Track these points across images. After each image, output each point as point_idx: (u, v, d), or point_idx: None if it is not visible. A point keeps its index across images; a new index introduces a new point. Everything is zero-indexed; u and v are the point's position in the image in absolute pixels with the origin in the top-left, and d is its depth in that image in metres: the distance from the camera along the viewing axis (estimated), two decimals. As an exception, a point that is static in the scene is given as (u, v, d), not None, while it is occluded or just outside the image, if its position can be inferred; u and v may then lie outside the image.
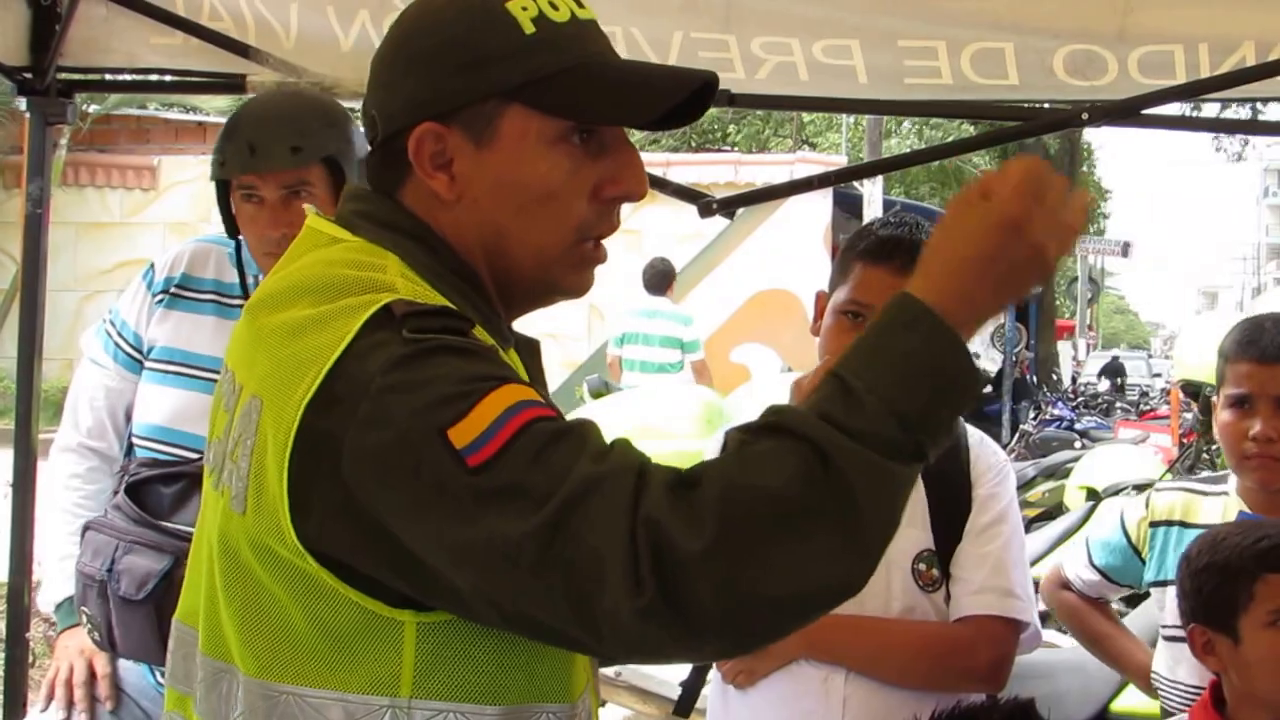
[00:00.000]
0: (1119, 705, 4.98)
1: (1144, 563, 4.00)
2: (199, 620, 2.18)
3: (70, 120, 4.44)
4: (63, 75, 4.32)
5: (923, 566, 3.48)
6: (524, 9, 2.12)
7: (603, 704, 5.47)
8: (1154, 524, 3.97)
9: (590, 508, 1.80)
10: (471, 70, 2.11)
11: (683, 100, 2.17)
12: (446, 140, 2.13)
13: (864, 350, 1.91)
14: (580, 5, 2.20)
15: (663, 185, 5.18)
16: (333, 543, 1.95)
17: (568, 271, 2.22)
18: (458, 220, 2.17)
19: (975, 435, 3.65)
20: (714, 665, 3.72)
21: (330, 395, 1.93)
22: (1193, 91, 4.15)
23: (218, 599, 2.11)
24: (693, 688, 4.63)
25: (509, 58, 2.10)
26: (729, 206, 4.82)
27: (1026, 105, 4.46)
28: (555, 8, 2.15)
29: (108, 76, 4.90)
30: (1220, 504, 3.87)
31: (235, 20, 4.18)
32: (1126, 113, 4.18)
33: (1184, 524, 3.92)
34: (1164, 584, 3.89)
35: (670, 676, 5.12)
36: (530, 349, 2.35)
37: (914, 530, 3.47)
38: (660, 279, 15.29)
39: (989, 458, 3.60)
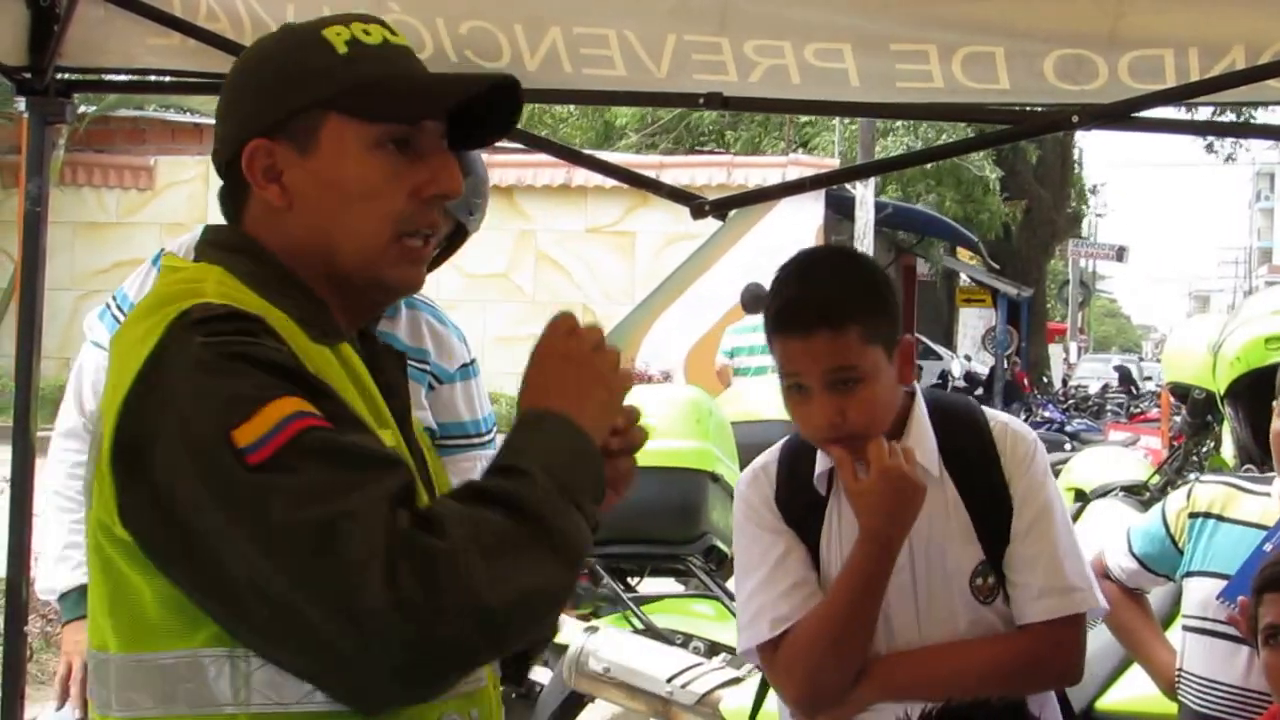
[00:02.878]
0: (1104, 703, 4.98)
1: (1181, 553, 3.99)
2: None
3: (68, 120, 4.45)
4: (61, 75, 4.31)
5: (980, 581, 3.42)
6: (338, 34, 2.34)
7: (591, 700, 5.51)
8: (1193, 515, 3.96)
9: (355, 518, 2.00)
10: (290, 86, 2.32)
11: (482, 96, 2.42)
12: (275, 154, 2.31)
13: (516, 440, 2.28)
14: (393, 34, 2.42)
15: (655, 187, 5.19)
16: (148, 529, 2.12)
17: (392, 266, 2.37)
18: (292, 228, 2.34)
19: (998, 424, 3.54)
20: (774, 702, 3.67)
21: (139, 397, 2.11)
22: (1182, 95, 4.16)
23: (93, 590, 2.27)
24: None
25: (324, 73, 2.31)
26: (721, 208, 4.79)
27: (1018, 108, 4.47)
28: (368, 34, 2.36)
29: (106, 77, 4.89)
30: (1261, 503, 3.87)
31: (232, 21, 4.18)
32: (1116, 115, 4.19)
33: (1222, 518, 3.91)
34: (1197, 574, 3.90)
35: (658, 672, 5.13)
36: (394, 357, 2.54)
37: (965, 546, 3.42)
38: (756, 301, 15.88)
39: (1017, 447, 3.47)
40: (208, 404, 2.06)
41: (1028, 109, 4.47)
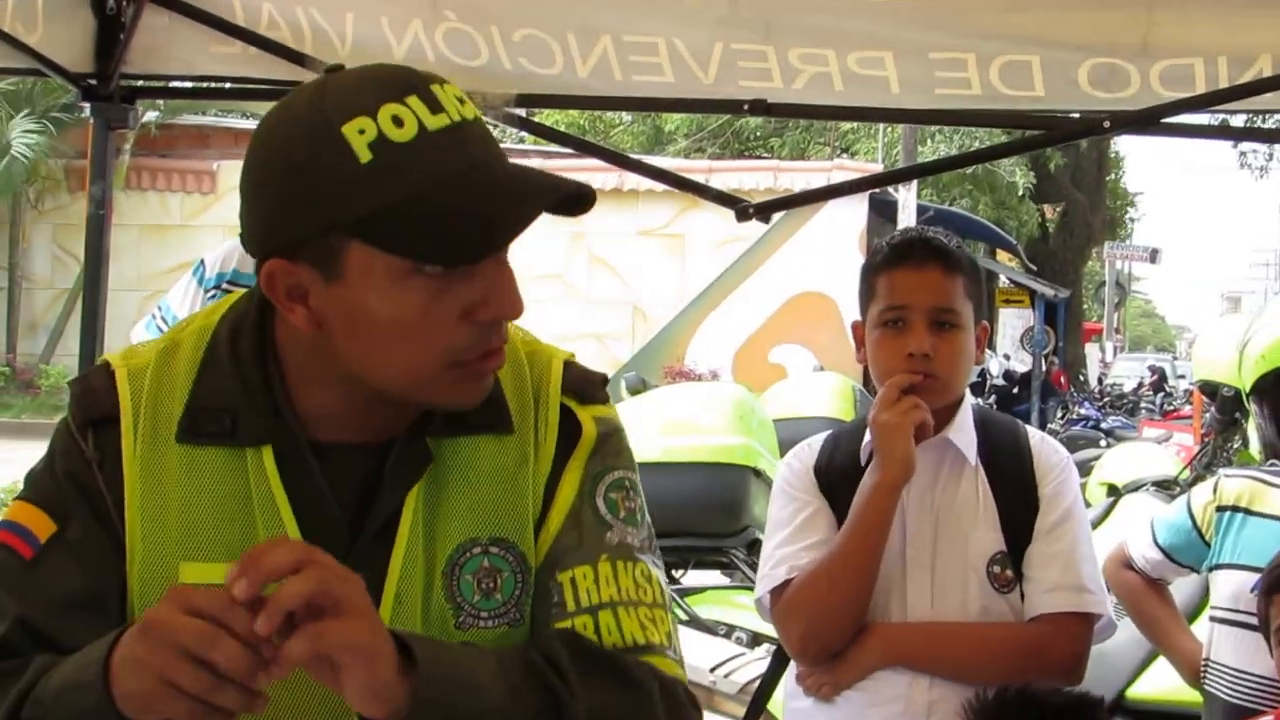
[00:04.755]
0: (1134, 692, 4.98)
1: (1208, 546, 3.99)
2: None
3: (132, 125, 4.51)
4: (125, 82, 4.33)
5: (997, 569, 3.45)
6: (361, 132, 1.87)
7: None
8: (1220, 508, 3.96)
9: None
10: (308, 203, 1.90)
11: (547, 209, 1.95)
12: (298, 275, 1.94)
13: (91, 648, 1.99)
14: (435, 110, 1.92)
15: (702, 191, 5.18)
16: None
17: (444, 392, 2.02)
18: (317, 354, 2.04)
19: (1036, 436, 3.62)
20: (790, 674, 3.66)
21: None
22: (1209, 102, 4.15)
23: None
24: (762, 697, 4.64)
25: (343, 191, 1.87)
26: (765, 211, 4.77)
27: (1052, 114, 4.47)
28: (400, 124, 1.88)
29: (168, 84, 4.88)
30: None
31: (292, 29, 4.18)
32: (1146, 121, 4.18)
33: (1249, 511, 3.91)
34: (1224, 567, 3.90)
35: (702, 663, 5.15)
36: (419, 458, 2.11)
37: (987, 534, 3.45)
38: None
39: (1051, 456, 3.55)
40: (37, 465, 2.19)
41: (1061, 115, 4.46)
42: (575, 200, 1.96)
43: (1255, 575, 3.53)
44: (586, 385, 2.25)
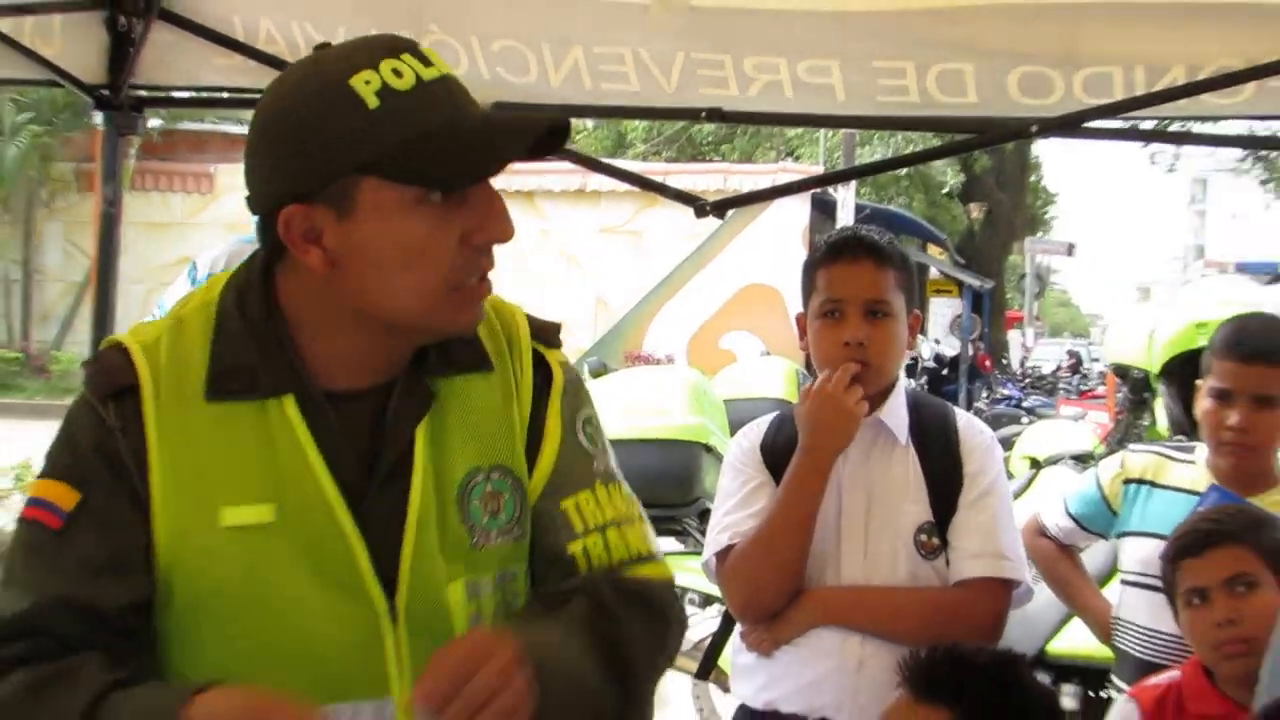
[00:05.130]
0: (1055, 647, 5.00)
1: (1115, 515, 4.02)
2: None
3: (140, 132, 4.48)
4: (134, 92, 4.33)
5: (924, 537, 3.50)
6: (367, 83, 1.99)
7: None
8: (1127, 481, 3.98)
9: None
10: (323, 152, 2.00)
11: (533, 142, 2.08)
12: (312, 217, 2.03)
13: (148, 701, 1.99)
14: (425, 64, 2.05)
15: (662, 190, 5.20)
16: None
17: (447, 316, 2.11)
18: (329, 290, 2.10)
19: (963, 418, 3.69)
20: (735, 633, 3.72)
21: None
22: (1127, 108, 4.15)
23: None
24: (712, 654, 4.68)
25: (356, 135, 1.99)
26: (720, 208, 4.80)
27: (984, 119, 4.46)
28: (399, 75, 2.01)
29: (173, 94, 4.88)
30: (1189, 470, 3.88)
31: (288, 42, 4.16)
32: (1070, 125, 4.20)
33: (1154, 483, 3.93)
34: (1132, 534, 3.93)
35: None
36: (421, 396, 2.21)
37: (915, 505, 3.51)
38: None
39: (975, 437, 3.62)
40: (52, 443, 2.17)
41: (992, 119, 4.46)
42: (555, 134, 2.09)
43: (1161, 542, 3.55)
44: (549, 332, 2.39)
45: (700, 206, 4.78)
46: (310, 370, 2.14)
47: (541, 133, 2.08)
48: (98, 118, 4.50)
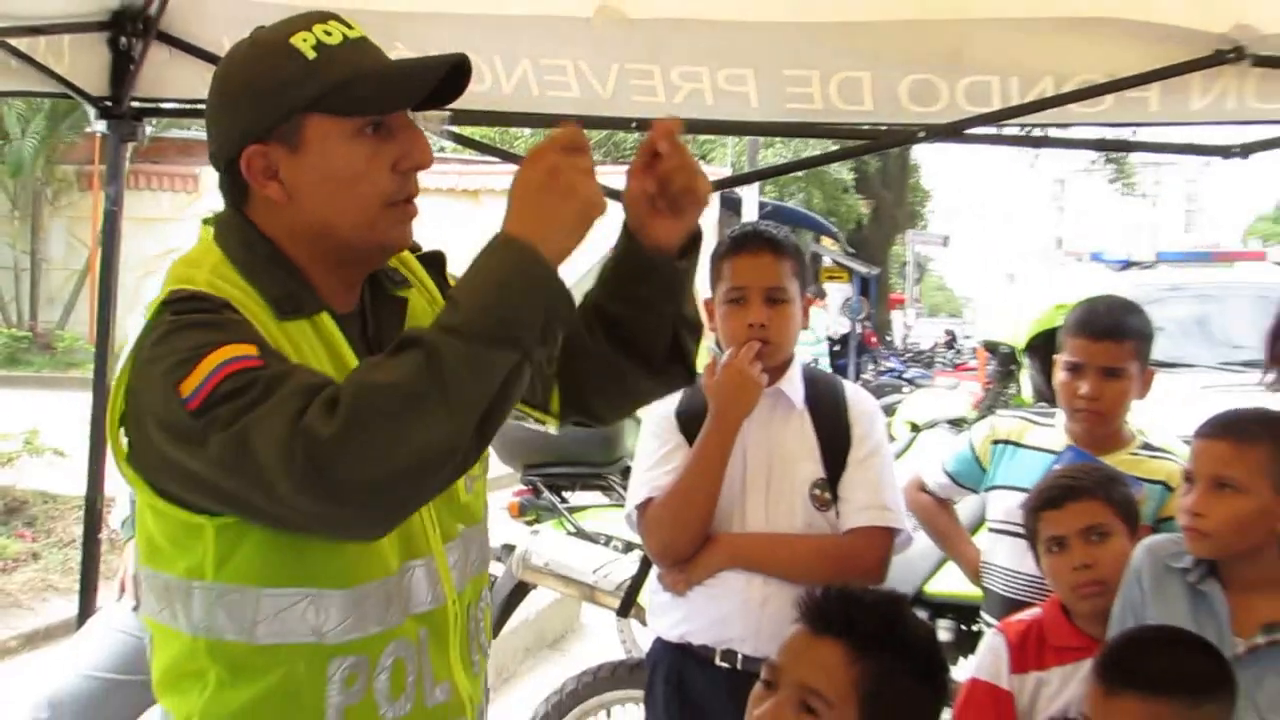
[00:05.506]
0: (931, 588, 5.01)
1: (984, 471, 4.06)
2: None
3: (139, 139, 4.51)
4: (135, 104, 4.32)
5: (818, 492, 3.56)
6: (304, 40, 2.14)
7: (534, 587, 5.50)
8: (995, 442, 4.04)
9: (263, 426, 1.88)
10: (272, 97, 2.14)
11: (442, 81, 2.20)
12: (269, 155, 2.15)
13: (468, 271, 2.04)
14: (350, 28, 2.20)
15: None
16: (145, 468, 2.07)
17: (386, 231, 2.21)
18: (293, 216, 2.18)
19: (851, 388, 3.76)
20: (653, 574, 3.77)
21: (133, 363, 2.06)
22: (1003, 117, 4.20)
23: (136, 519, 2.23)
24: (632, 593, 4.71)
25: (299, 80, 2.12)
26: (619, 199, 4.81)
27: (878, 126, 4.46)
28: (329, 34, 2.16)
29: (170, 105, 4.80)
30: (1048, 433, 3.93)
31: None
32: (953, 132, 4.23)
33: (1018, 444, 3.98)
34: (998, 488, 3.97)
35: (585, 565, 5.16)
36: (394, 301, 2.36)
37: (810, 464, 3.57)
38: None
39: (862, 404, 3.69)
40: (165, 365, 1.97)
41: (884, 127, 4.46)
42: (459, 69, 2.21)
43: (1023, 495, 3.58)
44: (414, 248, 2.46)
45: (618, 199, 4.75)
46: (322, 294, 2.23)
47: (449, 67, 2.19)
48: (99, 126, 4.49)
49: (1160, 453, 3.78)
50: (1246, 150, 4.42)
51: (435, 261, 2.53)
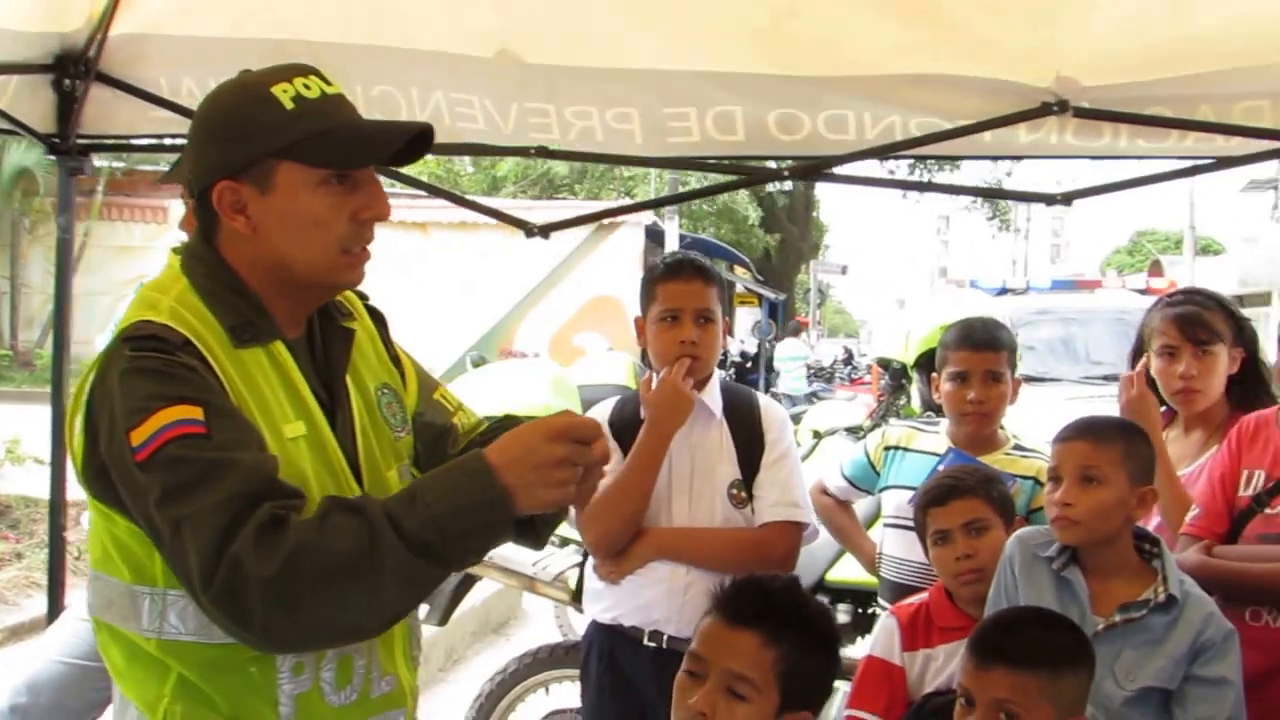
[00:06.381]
0: (832, 576, 5.07)
1: (878, 475, 4.09)
2: None
3: (87, 172, 4.39)
4: (80, 140, 4.24)
5: (735, 491, 3.59)
6: (284, 90, 2.12)
7: (479, 579, 5.49)
8: (887, 448, 4.07)
9: (195, 530, 1.87)
10: (249, 139, 2.11)
11: (407, 143, 2.20)
12: (240, 192, 2.12)
13: (441, 476, 2.00)
14: (328, 84, 2.19)
15: (495, 214, 5.44)
16: (100, 491, 2.04)
17: (339, 274, 2.20)
18: (255, 249, 2.15)
19: (764, 399, 3.78)
20: (588, 565, 3.78)
21: (92, 390, 2.02)
22: (857, 157, 4.29)
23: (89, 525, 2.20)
24: (580, 584, 4.72)
25: (276, 127, 2.10)
26: (545, 231, 4.86)
27: (750, 160, 4.48)
28: (308, 88, 2.14)
29: (112, 141, 4.71)
30: (933, 438, 3.97)
31: (204, 94, 4.08)
32: (813, 171, 4.31)
33: (906, 449, 4.02)
34: (891, 488, 4.00)
35: (525, 558, 5.16)
36: (341, 331, 2.33)
37: (727, 466, 3.60)
38: (796, 328, 16.50)
39: (773, 413, 3.72)
40: (121, 407, 1.95)
41: (757, 163, 4.50)
42: (424, 136, 2.21)
43: (912, 493, 3.65)
44: (360, 294, 2.46)
45: (528, 229, 4.85)
46: (278, 322, 2.20)
47: (414, 134, 2.20)
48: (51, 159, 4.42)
49: (1031, 453, 3.83)
50: (1068, 197, 4.60)
51: (379, 317, 2.50)
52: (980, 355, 3.84)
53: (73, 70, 4.11)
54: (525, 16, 3.99)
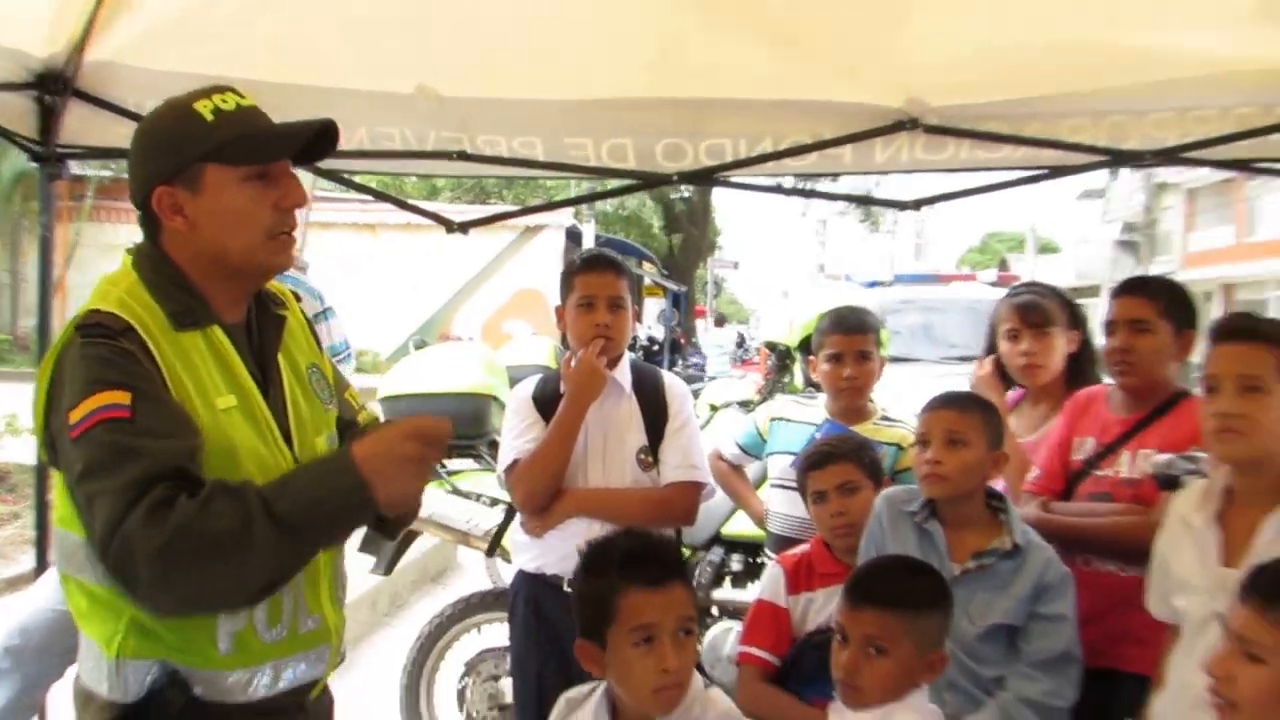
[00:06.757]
0: (727, 530, 5.06)
1: (765, 442, 4.12)
2: None
3: (65, 177, 4.32)
4: (59, 149, 4.16)
5: (642, 456, 3.58)
6: (205, 105, 2.16)
7: (419, 534, 5.43)
8: (772, 419, 4.12)
9: (102, 504, 1.90)
10: (179, 148, 2.15)
11: (314, 140, 2.24)
12: (175, 195, 2.16)
13: (312, 466, 2.07)
14: (242, 98, 2.22)
15: (418, 211, 5.50)
16: (53, 459, 2.04)
17: (270, 256, 2.22)
18: (195, 243, 2.18)
19: (668, 376, 3.77)
20: (515, 521, 3.75)
21: (51, 371, 2.04)
22: (731, 167, 4.30)
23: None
24: (498, 537, 4.70)
25: (200, 136, 2.14)
26: (465, 227, 4.86)
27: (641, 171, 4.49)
28: (225, 102, 2.18)
29: (89, 150, 4.63)
30: (812, 410, 4.01)
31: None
32: (700, 177, 4.33)
33: (789, 420, 4.06)
34: (776, 454, 4.03)
35: (460, 516, 5.13)
36: (274, 317, 2.36)
37: (636, 435, 3.59)
38: (722, 319, 16.75)
39: (675, 388, 3.70)
40: (70, 387, 1.98)
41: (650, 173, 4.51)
42: (328, 134, 2.26)
43: (793, 457, 3.67)
44: (286, 292, 2.48)
45: (449, 225, 4.85)
46: (215, 309, 2.21)
47: (318, 130, 2.23)
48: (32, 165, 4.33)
49: (895, 422, 3.88)
50: (919, 204, 4.81)
51: (307, 318, 2.55)
52: (851, 338, 3.87)
53: (53, 87, 4.04)
54: (440, 55, 3.94)
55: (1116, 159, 4.21)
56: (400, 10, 3.70)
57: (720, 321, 26.03)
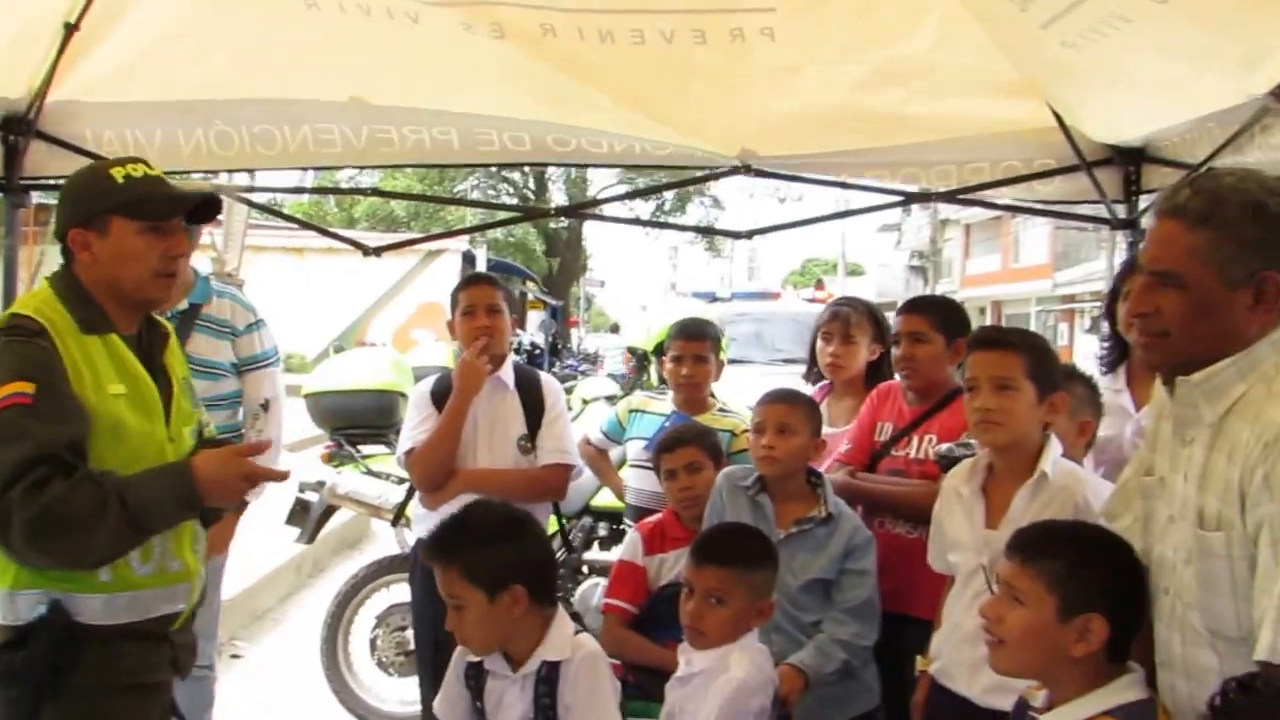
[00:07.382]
0: (594, 502, 5.04)
1: (624, 430, 4.10)
2: None
3: (28, 205, 4.12)
4: (23, 181, 3.94)
5: (523, 442, 3.56)
6: (119, 171, 2.31)
7: (337, 508, 5.30)
8: (630, 411, 4.09)
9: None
10: (93, 201, 2.30)
11: (202, 205, 2.41)
12: (86, 236, 2.30)
13: (162, 469, 2.24)
14: (150, 169, 2.35)
15: (334, 236, 5.40)
16: None
17: (154, 291, 2.35)
18: (98, 272, 2.31)
19: (545, 376, 3.75)
20: (416, 497, 3.70)
21: None
22: (604, 201, 4.80)
23: None
24: (401, 509, 4.60)
25: (111, 193, 2.29)
26: (378, 251, 4.78)
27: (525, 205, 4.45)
28: (135, 171, 2.32)
29: (49, 182, 4.39)
30: (663, 403, 3.98)
31: (122, 144, 3.88)
32: (575, 210, 4.32)
33: (644, 411, 4.03)
34: (634, 439, 4.00)
35: (372, 493, 5.03)
36: (160, 334, 2.46)
37: (517, 424, 3.57)
38: (617, 327, 16.05)
39: (551, 385, 3.68)
40: None
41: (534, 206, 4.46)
42: (211, 203, 2.45)
43: (647, 442, 3.71)
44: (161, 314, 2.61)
45: (364, 249, 4.75)
46: (113, 320, 2.32)
47: (202, 199, 2.40)
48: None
49: (730, 413, 3.89)
50: (751, 233, 4.92)
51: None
52: (690, 343, 3.88)
53: (15, 128, 3.86)
54: (370, 71, 3.88)
55: (909, 199, 4.43)
56: (335, 37, 3.60)
57: (616, 329, 26.06)
